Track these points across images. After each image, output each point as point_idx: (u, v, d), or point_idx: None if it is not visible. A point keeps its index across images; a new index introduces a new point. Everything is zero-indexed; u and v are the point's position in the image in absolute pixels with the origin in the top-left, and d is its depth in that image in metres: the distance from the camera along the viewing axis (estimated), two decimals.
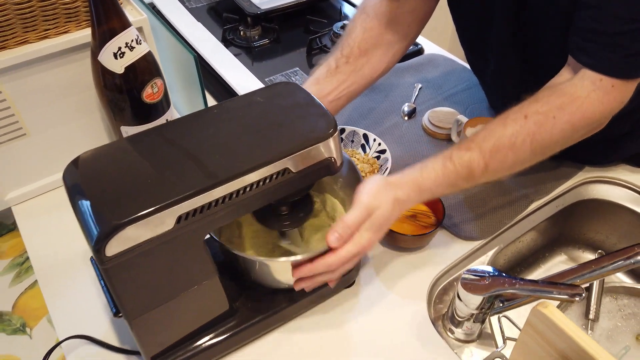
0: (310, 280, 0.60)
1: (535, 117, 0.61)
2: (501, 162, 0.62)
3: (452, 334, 0.71)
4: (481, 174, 0.62)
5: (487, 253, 0.80)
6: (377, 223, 0.59)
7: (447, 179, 0.62)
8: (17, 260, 0.79)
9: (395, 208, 0.61)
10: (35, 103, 0.77)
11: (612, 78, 0.60)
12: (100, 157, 0.52)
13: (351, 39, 0.78)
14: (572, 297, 0.59)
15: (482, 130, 0.64)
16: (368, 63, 0.78)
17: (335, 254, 0.58)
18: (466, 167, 0.62)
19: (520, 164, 0.64)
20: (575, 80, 0.62)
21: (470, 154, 0.62)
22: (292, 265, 0.59)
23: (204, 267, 0.55)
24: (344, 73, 0.76)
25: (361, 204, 0.58)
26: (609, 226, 0.90)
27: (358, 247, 0.58)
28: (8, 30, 0.70)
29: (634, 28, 0.57)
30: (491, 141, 0.62)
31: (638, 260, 0.63)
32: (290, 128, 0.54)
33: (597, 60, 0.60)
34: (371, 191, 0.60)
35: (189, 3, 1.29)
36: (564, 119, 0.61)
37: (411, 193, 0.62)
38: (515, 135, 0.61)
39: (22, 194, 0.84)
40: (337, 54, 0.77)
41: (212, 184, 0.48)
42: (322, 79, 0.75)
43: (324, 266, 0.58)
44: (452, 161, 0.62)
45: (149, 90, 0.73)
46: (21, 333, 0.71)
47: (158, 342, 0.59)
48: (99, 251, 0.45)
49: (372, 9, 0.79)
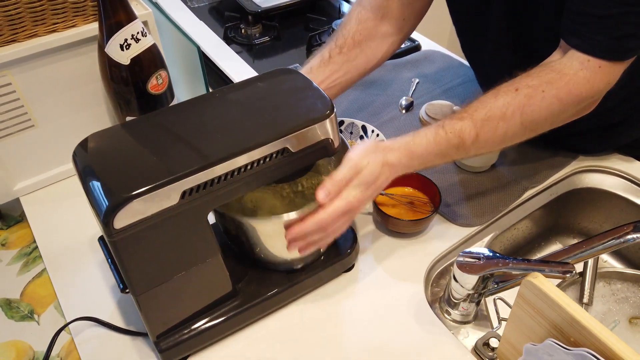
0: (303, 241, 0.61)
1: (526, 90, 0.64)
2: (492, 132, 0.64)
3: (449, 315, 0.73)
4: (472, 143, 0.64)
5: (483, 239, 0.82)
6: (364, 181, 0.60)
7: (439, 146, 0.64)
8: (25, 250, 0.81)
9: (384, 169, 0.62)
10: (43, 95, 0.80)
11: (598, 59, 0.62)
12: (108, 138, 0.54)
13: (345, 31, 0.80)
14: (563, 274, 0.61)
15: (475, 101, 0.66)
16: (362, 54, 0.80)
17: (324, 210, 0.58)
18: (458, 135, 0.64)
19: (511, 137, 0.66)
20: (564, 59, 0.64)
21: (462, 123, 0.64)
22: (284, 226, 0.60)
23: (208, 244, 0.57)
24: (337, 63, 0.78)
25: (350, 161, 0.60)
26: (602, 214, 0.92)
27: (346, 203, 0.59)
28: (19, 24, 0.73)
29: (621, 11, 0.60)
30: (483, 111, 0.64)
31: (627, 239, 0.65)
32: (289, 110, 0.56)
33: (585, 42, 0.63)
34: (361, 151, 0.61)
35: (191, 3, 1.33)
36: (552, 93, 0.63)
37: (402, 157, 0.63)
38: (505, 107, 0.63)
39: (30, 185, 0.86)
40: (332, 44, 0.80)
41: (214, 161, 0.50)
42: (315, 68, 0.77)
43: (314, 223, 0.58)
44: (444, 129, 0.64)
45: (154, 82, 0.76)
46: (29, 319, 0.72)
47: (163, 320, 0.61)
48: (107, 224, 0.48)
49: (368, 1, 0.81)
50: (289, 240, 0.60)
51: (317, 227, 0.59)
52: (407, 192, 0.82)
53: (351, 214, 0.62)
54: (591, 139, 0.89)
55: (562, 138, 0.89)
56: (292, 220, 0.59)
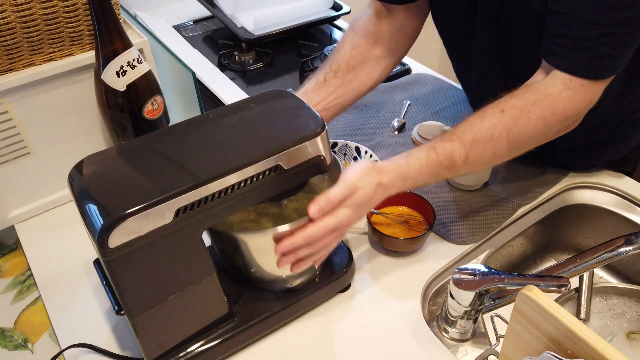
0: (292, 255, 0.61)
1: (512, 112, 0.65)
2: (481, 153, 0.66)
3: (447, 333, 0.72)
4: (462, 164, 0.66)
5: (478, 257, 0.82)
6: (357, 202, 0.62)
7: (431, 168, 0.65)
8: (19, 279, 0.81)
9: (378, 191, 0.63)
10: (40, 122, 0.80)
11: (580, 79, 0.64)
12: (103, 160, 0.55)
13: (339, 56, 0.82)
14: (559, 287, 0.62)
15: (462, 123, 0.68)
16: (356, 77, 0.82)
17: (314, 225, 0.59)
18: (449, 157, 0.65)
19: (499, 156, 0.68)
20: (547, 80, 0.66)
21: (452, 144, 0.65)
22: (273, 240, 0.60)
23: (203, 263, 0.57)
24: (332, 86, 0.80)
25: (346, 182, 0.61)
26: (595, 230, 0.93)
27: (336, 221, 0.60)
28: (15, 53, 0.74)
29: (599, 33, 0.62)
30: (471, 133, 0.66)
31: (620, 252, 0.66)
32: (281, 128, 0.57)
33: (565, 62, 0.65)
34: (357, 172, 0.63)
35: (185, 32, 1.36)
36: (537, 114, 0.65)
37: (395, 179, 0.65)
38: (492, 128, 0.65)
39: (25, 212, 0.86)
40: (326, 69, 0.81)
41: (208, 179, 0.51)
42: (311, 91, 0.79)
43: (304, 237, 0.59)
44: (435, 151, 0.66)
45: (150, 107, 0.77)
46: (23, 348, 0.72)
47: (159, 342, 0.60)
48: (102, 243, 0.48)
49: (361, 27, 0.83)
50: (279, 253, 0.61)
51: (306, 241, 0.60)
52: (401, 211, 0.83)
53: (341, 231, 0.63)
54: (580, 156, 0.90)
55: (551, 155, 0.90)
56: (281, 233, 0.60)
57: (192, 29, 1.38)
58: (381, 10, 0.83)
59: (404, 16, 0.83)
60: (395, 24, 0.83)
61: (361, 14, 0.86)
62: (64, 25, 0.76)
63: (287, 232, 0.60)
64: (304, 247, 0.60)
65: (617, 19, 0.60)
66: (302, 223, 0.60)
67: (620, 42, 0.63)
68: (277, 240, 0.60)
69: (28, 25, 0.72)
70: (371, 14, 0.84)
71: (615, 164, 0.92)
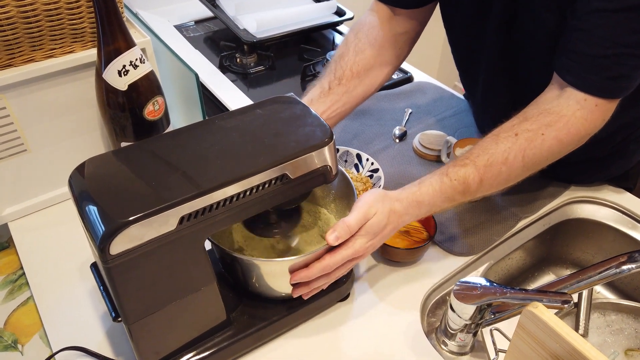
0: (307, 286, 0.62)
1: (526, 135, 0.65)
2: (495, 176, 0.65)
3: (446, 346, 0.72)
4: (477, 188, 0.65)
5: (478, 269, 0.82)
6: (371, 231, 0.61)
7: (444, 193, 0.65)
8: (11, 278, 0.79)
9: (391, 219, 0.63)
10: (37, 120, 0.79)
11: (595, 97, 0.64)
12: (105, 163, 0.54)
13: (343, 62, 0.81)
14: (562, 304, 0.61)
15: (475, 147, 0.67)
16: (360, 84, 0.81)
17: (331, 256, 0.59)
18: (462, 182, 0.64)
19: (514, 178, 0.67)
20: (561, 100, 0.66)
21: (465, 169, 0.65)
22: (288, 270, 0.60)
23: (204, 272, 0.56)
24: (337, 94, 0.79)
25: (359, 209, 0.61)
26: (594, 245, 0.93)
27: (352, 252, 0.60)
28: (16, 49, 0.73)
29: (616, 52, 0.61)
30: (485, 157, 0.65)
31: (623, 270, 0.65)
32: (289, 137, 0.56)
33: (580, 80, 0.64)
34: (369, 199, 0.62)
35: (186, 32, 1.34)
36: (552, 135, 0.64)
37: (409, 207, 0.64)
38: (507, 151, 0.65)
39: (20, 210, 0.85)
40: (330, 76, 0.81)
41: (213, 187, 0.50)
42: (316, 100, 0.78)
43: (320, 269, 0.59)
44: (448, 176, 0.65)
45: (151, 108, 0.76)
46: (12, 349, 0.70)
47: (155, 350, 0.59)
48: (103, 250, 0.47)
49: (364, 33, 0.83)
50: (294, 283, 0.61)
51: (322, 273, 0.60)
52: None
53: (355, 261, 0.63)
54: (582, 170, 0.90)
55: (554, 169, 0.90)
56: (297, 264, 0.60)
57: (193, 29, 1.36)
58: (385, 15, 0.83)
59: (407, 21, 0.83)
60: (399, 29, 0.83)
61: (363, 19, 0.85)
62: (66, 21, 0.74)
63: (302, 263, 0.60)
64: (319, 278, 0.61)
65: (637, 40, 0.60)
66: (317, 253, 0.60)
67: (637, 64, 0.62)
68: (292, 271, 0.60)
69: (30, 20, 0.71)
70: (374, 19, 0.83)
71: (616, 180, 0.92)
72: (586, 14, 0.62)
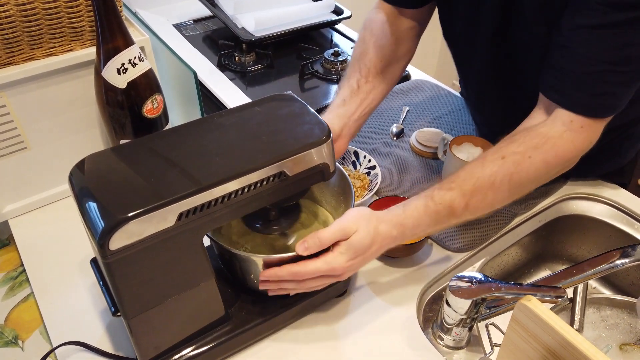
0: (274, 284, 0.61)
1: (513, 157, 0.64)
2: (481, 201, 0.64)
3: (442, 340, 0.73)
4: (462, 213, 0.64)
5: (474, 265, 0.83)
6: (353, 249, 0.60)
7: (429, 217, 0.64)
8: (11, 274, 0.80)
9: (376, 239, 0.61)
10: (37, 117, 0.80)
11: (580, 117, 0.63)
12: (105, 160, 0.54)
13: (367, 60, 0.82)
14: (556, 298, 0.62)
15: (461, 171, 0.66)
16: (384, 80, 0.83)
17: (302, 264, 0.59)
18: (448, 206, 0.64)
19: (500, 202, 0.66)
20: (548, 122, 0.65)
21: (451, 193, 0.64)
22: (263, 263, 0.60)
23: (202, 267, 0.57)
24: (365, 92, 0.80)
25: (338, 224, 0.60)
26: (590, 241, 0.94)
27: (328, 267, 0.59)
28: (15, 47, 0.73)
29: (600, 70, 0.61)
30: (471, 181, 0.64)
31: (616, 264, 0.66)
32: (286, 134, 0.57)
33: (565, 98, 0.64)
34: (352, 216, 0.61)
35: (185, 31, 1.35)
36: (539, 158, 0.64)
37: (393, 229, 0.63)
38: (494, 175, 0.64)
39: (20, 207, 0.85)
40: (357, 74, 0.81)
41: (212, 183, 0.51)
42: (348, 100, 0.79)
43: (289, 273, 0.59)
44: (433, 200, 0.64)
45: (149, 105, 0.77)
46: (13, 345, 0.71)
47: (154, 344, 0.60)
48: (103, 245, 0.47)
49: (379, 29, 0.84)
50: (262, 279, 0.61)
51: (291, 277, 0.60)
52: None
53: (332, 279, 0.62)
54: (576, 167, 0.90)
55: None
56: (271, 260, 0.60)
57: (192, 28, 1.37)
58: (393, 13, 0.84)
59: (413, 18, 0.84)
60: (408, 25, 0.84)
61: (372, 16, 0.86)
62: (65, 20, 0.75)
63: (275, 261, 0.60)
64: (287, 281, 0.61)
65: (620, 57, 0.60)
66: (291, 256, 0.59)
67: (622, 80, 0.62)
68: (266, 266, 0.60)
69: (29, 19, 0.71)
70: (384, 16, 0.84)
71: (610, 176, 0.93)
72: (569, 31, 0.62)
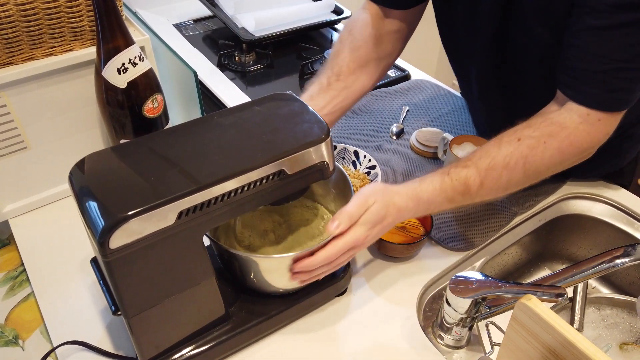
0: (308, 274, 0.62)
1: (528, 141, 0.65)
2: (496, 180, 0.65)
3: (442, 340, 0.73)
4: (477, 191, 0.65)
5: (474, 264, 0.83)
6: (371, 219, 0.62)
7: (445, 192, 0.65)
8: (11, 274, 0.80)
9: (390, 211, 0.63)
10: (38, 117, 0.80)
11: (597, 111, 0.64)
12: (105, 159, 0.55)
13: (340, 59, 0.82)
14: (556, 297, 0.62)
15: (478, 150, 0.67)
16: (358, 80, 0.82)
17: (333, 245, 0.60)
18: (463, 183, 0.65)
19: (514, 184, 0.67)
20: (563, 111, 0.66)
21: (467, 170, 0.65)
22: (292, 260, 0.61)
23: (202, 266, 0.57)
24: (336, 90, 0.80)
25: (359, 197, 0.62)
26: (590, 241, 0.94)
27: (353, 240, 0.61)
28: (16, 47, 0.73)
29: (612, 67, 0.62)
30: (487, 160, 0.65)
31: (617, 263, 0.66)
32: (286, 133, 0.57)
33: (582, 95, 0.64)
34: (369, 190, 0.63)
35: (185, 31, 1.35)
36: (553, 145, 0.64)
37: (408, 201, 0.64)
38: (509, 156, 0.65)
39: (20, 207, 0.85)
40: (328, 72, 0.81)
41: (211, 182, 0.51)
42: (316, 95, 0.79)
43: (324, 258, 0.60)
44: (449, 176, 0.65)
45: (150, 105, 0.77)
46: (13, 345, 0.71)
47: (155, 344, 0.60)
48: (103, 244, 0.47)
49: (359, 30, 0.83)
50: (295, 272, 0.62)
51: (325, 261, 0.61)
52: None
53: (355, 250, 0.64)
54: (576, 167, 0.90)
55: None
56: (301, 254, 0.61)
57: (192, 28, 1.37)
58: (378, 14, 0.83)
59: (401, 19, 0.84)
60: (392, 27, 0.84)
61: (356, 16, 0.86)
62: (66, 20, 0.75)
63: (307, 253, 0.61)
64: (322, 266, 0.62)
65: (632, 54, 0.60)
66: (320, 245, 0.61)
67: (635, 77, 0.63)
68: (296, 260, 0.61)
69: (29, 19, 0.71)
70: (368, 17, 0.84)
71: (610, 177, 0.93)
72: (578, 31, 0.62)
